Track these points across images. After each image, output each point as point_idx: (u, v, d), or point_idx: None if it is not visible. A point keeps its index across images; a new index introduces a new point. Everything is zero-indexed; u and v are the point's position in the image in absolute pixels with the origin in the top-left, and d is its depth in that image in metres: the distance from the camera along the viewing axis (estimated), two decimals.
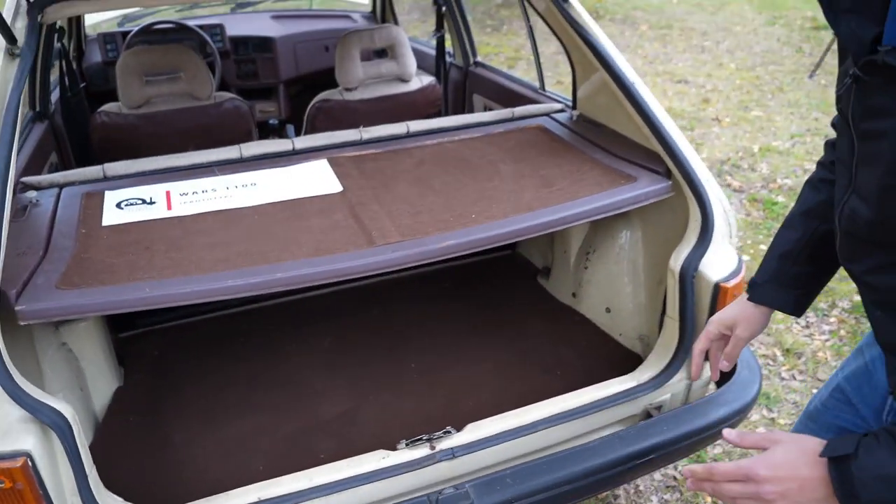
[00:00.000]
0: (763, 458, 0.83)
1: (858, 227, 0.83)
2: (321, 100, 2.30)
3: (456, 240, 1.34)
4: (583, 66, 1.80)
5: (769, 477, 0.82)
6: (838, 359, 2.59)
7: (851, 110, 0.78)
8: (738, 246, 3.40)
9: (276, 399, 1.66)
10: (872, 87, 0.72)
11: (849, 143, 0.81)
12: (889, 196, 0.75)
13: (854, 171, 0.81)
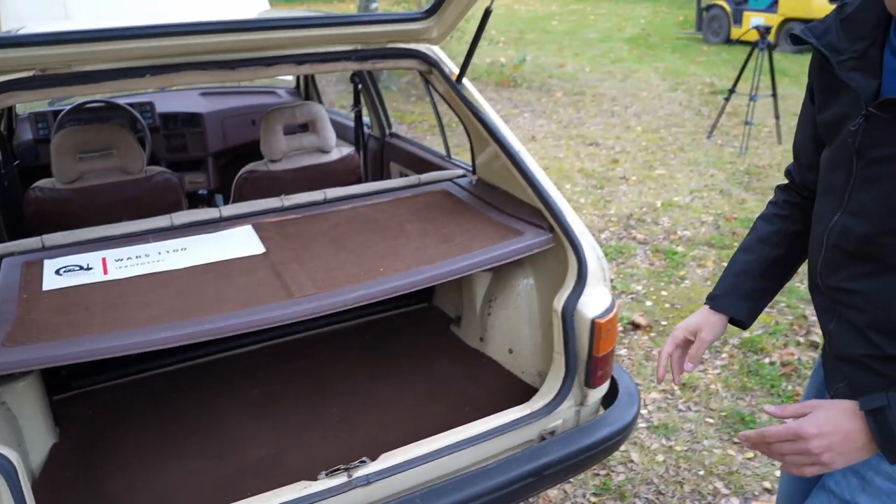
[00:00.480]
0: (809, 419, 0.96)
1: (849, 241, 1.01)
2: (248, 171, 2.49)
3: (365, 290, 1.54)
4: (478, 139, 2.07)
5: (816, 433, 0.94)
6: (728, 390, 2.87)
7: (859, 143, 0.96)
8: (611, 286, 3.72)
9: (208, 447, 1.79)
10: (883, 121, 0.93)
11: (845, 173, 1.01)
12: (886, 210, 0.95)
13: (848, 195, 1.01)
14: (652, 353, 3.15)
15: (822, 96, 1.09)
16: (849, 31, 0.99)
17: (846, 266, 1.04)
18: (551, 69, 10.92)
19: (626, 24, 17.66)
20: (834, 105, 1.04)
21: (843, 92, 1.01)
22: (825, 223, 1.06)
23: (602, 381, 1.76)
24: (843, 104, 1.02)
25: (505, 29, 16.54)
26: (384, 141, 2.98)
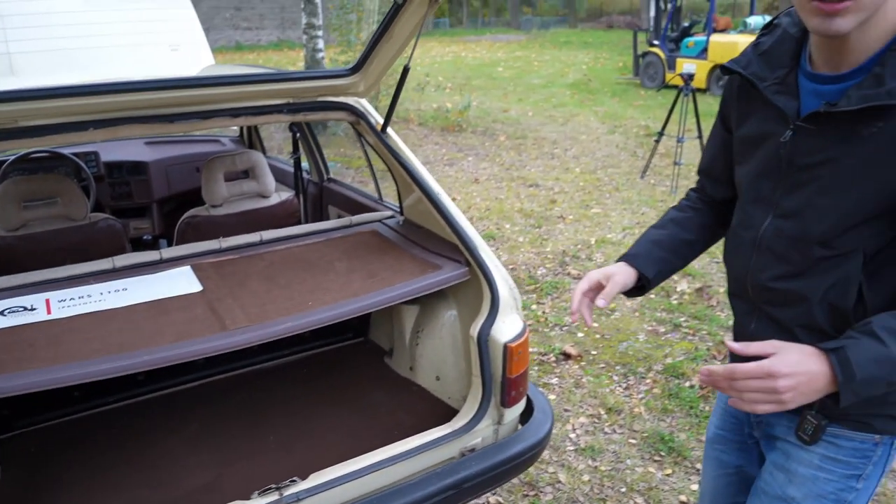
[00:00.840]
0: (780, 359, 1.02)
1: (781, 242, 1.16)
2: (189, 216, 2.62)
3: (294, 322, 1.69)
4: (403, 183, 2.25)
5: (787, 373, 1.00)
6: (650, 412, 3.06)
7: (789, 153, 1.13)
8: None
9: (147, 478, 1.88)
10: (809, 132, 1.10)
11: (773, 181, 1.17)
12: (814, 209, 1.11)
13: (777, 200, 1.17)
14: (582, 380, 3.34)
15: (740, 117, 1.27)
16: (768, 62, 1.19)
17: (776, 266, 1.19)
18: (496, 114, 11.32)
19: (569, 70, 18.36)
20: (755, 123, 1.22)
21: (766, 112, 1.19)
22: (756, 228, 1.22)
23: (517, 401, 1.92)
24: (765, 122, 1.19)
25: (452, 76, 17.02)
26: (322, 186, 3.15)
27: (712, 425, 1.53)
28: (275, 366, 2.48)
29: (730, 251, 1.32)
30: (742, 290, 1.28)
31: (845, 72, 1.08)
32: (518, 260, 4.92)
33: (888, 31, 1.03)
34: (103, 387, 2.20)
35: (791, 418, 1.26)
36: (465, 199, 6.46)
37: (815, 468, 1.25)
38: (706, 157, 1.43)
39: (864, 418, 1.20)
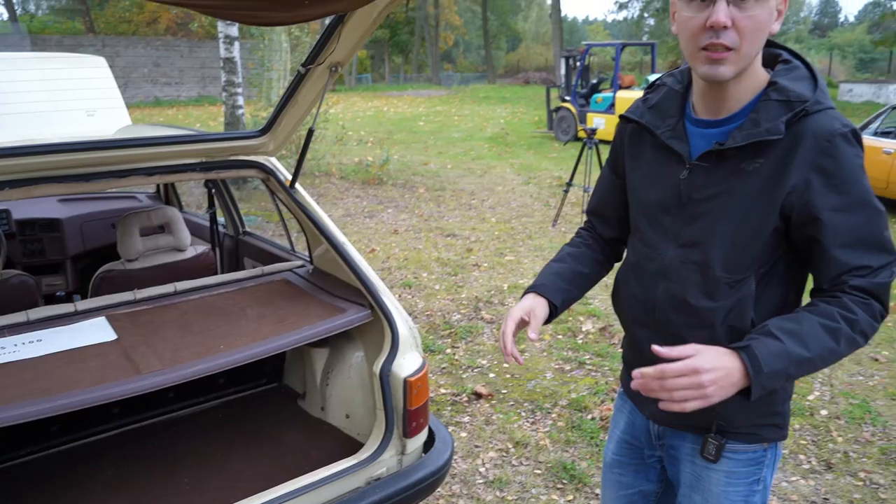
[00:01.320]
0: (701, 358, 1.15)
1: (686, 269, 1.34)
2: (104, 270, 2.70)
3: (206, 364, 1.81)
4: (312, 235, 2.42)
5: (709, 368, 1.14)
6: (555, 444, 3.27)
7: (686, 189, 1.32)
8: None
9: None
10: (703, 169, 1.31)
11: (673, 216, 1.36)
12: (713, 237, 1.30)
13: (679, 231, 1.35)
14: (492, 418, 3.52)
15: (633, 159, 1.46)
16: (658, 114, 1.41)
17: (684, 292, 1.34)
18: (416, 167, 11.65)
19: (487, 125, 19.04)
20: (650, 165, 1.42)
21: (660, 155, 1.38)
22: (660, 259, 1.39)
23: (418, 431, 2.09)
24: (661, 164, 1.38)
25: (374, 130, 17.38)
26: (238, 239, 3.27)
27: (609, 451, 1.69)
28: (190, 413, 2.56)
29: (633, 283, 1.47)
30: (647, 318, 1.43)
31: (724, 117, 1.31)
32: (434, 307, 5.11)
33: (756, 87, 1.29)
34: (16, 439, 2.23)
35: (695, 439, 1.46)
36: (385, 249, 6.65)
37: (724, 484, 1.43)
38: (595, 200, 1.63)
39: (754, 430, 1.41)
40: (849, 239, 1.24)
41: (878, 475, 3.03)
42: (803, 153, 1.23)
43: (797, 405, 3.63)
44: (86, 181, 2.08)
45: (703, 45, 1.22)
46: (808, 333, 1.20)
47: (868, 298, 1.24)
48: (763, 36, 1.24)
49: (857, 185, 1.24)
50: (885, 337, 4.54)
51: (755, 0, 1.19)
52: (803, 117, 1.24)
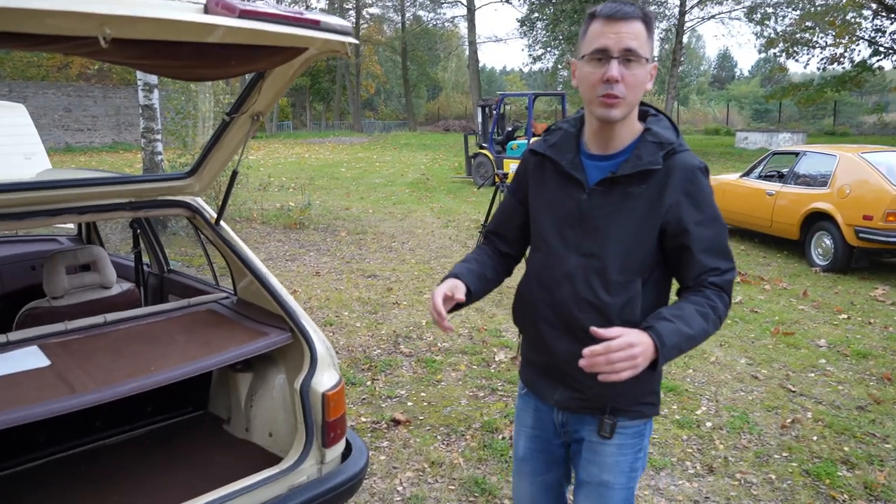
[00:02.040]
0: (631, 335, 1.45)
1: (586, 274, 1.65)
2: (30, 308, 2.80)
3: (137, 382, 1.98)
4: (237, 268, 2.63)
5: (637, 342, 1.45)
6: (468, 462, 3.51)
7: (585, 209, 1.66)
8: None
9: None
10: (599, 193, 1.64)
11: (574, 230, 1.68)
12: (608, 247, 1.63)
13: (579, 243, 1.67)
14: (410, 441, 3.73)
15: (537, 186, 1.79)
16: (559, 150, 1.75)
17: (586, 293, 1.66)
18: (337, 212, 11.86)
19: (409, 170, 19.49)
20: (553, 191, 1.74)
21: (562, 182, 1.72)
22: (564, 266, 1.70)
23: (336, 441, 2.29)
24: (563, 189, 1.71)
25: (296, 176, 17.50)
26: (163, 276, 3.42)
27: (520, 447, 1.98)
28: (119, 441, 2.67)
29: (539, 287, 1.75)
30: (553, 317, 1.72)
31: (612, 153, 1.68)
32: (355, 343, 5.30)
33: (635, 132, 1.69)
34: None
35: (592, 421, 1.77)
36: (306, 290, 6.81)
37: (616, 454, 1.77)
38: (496, 221, 1.95)
39: (638, 408, 1.76)
40: (707, 246, 1.64)
41: (752, 475, 3.42)
42: (675, 181, 1.63)
43: (686, 419, 4.01)
44: (19, 219, 2.23)
45: (600, 94, 1.59)
46: (689, 317, 1.56)
47: (721, 292, 1.64)
48: (642, 90, 1.63)
49: (711, 206, 1.66)
50: (764, 357, 5.04)
51: (637, 63, 1.58)
52: (672, 154, 1.64)
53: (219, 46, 1.66)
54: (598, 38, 1.58)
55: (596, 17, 1.61)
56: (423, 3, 45.01)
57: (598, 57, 1.58)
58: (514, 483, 2.05)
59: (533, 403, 1.92)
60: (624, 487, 1.80)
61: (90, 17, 1.38)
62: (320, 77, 49.77)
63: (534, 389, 1.90)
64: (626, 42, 1.56)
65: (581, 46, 1.64)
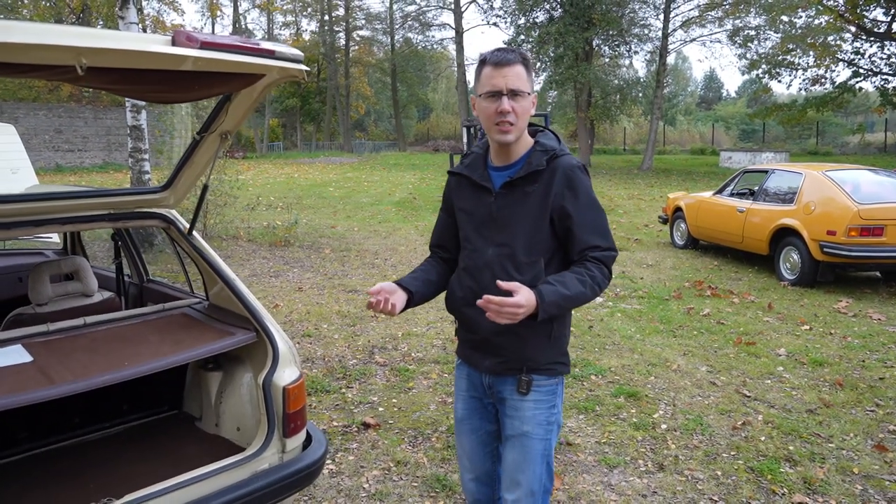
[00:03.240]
0: (521, 296, 1.83)
1: (501, 260, 2.02)
2: (16, 314, 2.99)
3: (112, 375, 2.18)
4: (209, 276, 2.84)
5: (524, 303, 1.82)
6: (432, 462, 3.69)
7: (495, 209, 2.04)
8: (300, 365, 4.51)
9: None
10: (503, 195, 2.04)
11: (488, 228, 2.06)
12: (514, 237, 2.01)
13: (493, 237, 2.05)
14: (378, 443, 3.92)
15: (459, 199, 2.17)
16: (471, 168, 2.17)
17: (500, 275, 2.01)
18: (323, 230, 12.08)
19: (396, 190, 19.74)
20: (470, 200, 2.13)
21: (475, 192, 2.11)
22: (484, 257, 2.08)
23: (296, 432, 2.49)
24: (477, 197, 2.11)
25: (284, 195, 17.73)
26: (142, 286, 3.62)
27: (459, 409, 2.32)
28: (96, 438, 2.85)
29: (467, 276, 2.12)
30: (473, 301, 1.99)
31: (510, 163, 2.09)
32: (332, 353, 5.50)
33: (526, 146, 2.10)
34: None
35: (513, 381, 2.11)
36: (288, 304, 7.00)
37: (532, 409, 2.11)
38: (436, 236, 2.34)
39: (551, 366, 2.12)
40: (587, 226, 2.04)
41: (699, 472, 3.63)
42: (558, 178, 2.04)
43: (642, 422, 4.22)
44: (7, 229, 2.44)
45: (496, 122, 2.02)
46: (569, 282, 1.96)
47: (601, 265, 2.04)
48: (528, 115, 2.06)
49: (588, 195, 2.06)
50: (724, 365, 5.27)
51: (521, 97, 2.00)
52: (555, 158, 2.06)
53: (182, 73, 1.88)
54: (490, 80, 2.00)
55: (486, 63, 2.02)
56: (413, 25, 45.64)
57: (492, 95, 1.99)
58: (456, 441, 2.40)
59: (466, 371, 2.29)
60: (542, 438, 2.13)
61: (69, 50, 1.61)
62: (311, 98, 50.25)
63: (467, 361, 2.25)
64: (512, 83, 1.98)
65: (477, 87, 2.05)
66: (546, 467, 2.16)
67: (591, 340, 5.86)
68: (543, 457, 2.14)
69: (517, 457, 2.13)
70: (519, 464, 2.13)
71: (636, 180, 23.12)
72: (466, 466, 2.35)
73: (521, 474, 2.13)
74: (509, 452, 2.16)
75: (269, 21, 50.90)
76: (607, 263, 2.04)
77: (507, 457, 2.17)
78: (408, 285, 2.13)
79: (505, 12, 31.59)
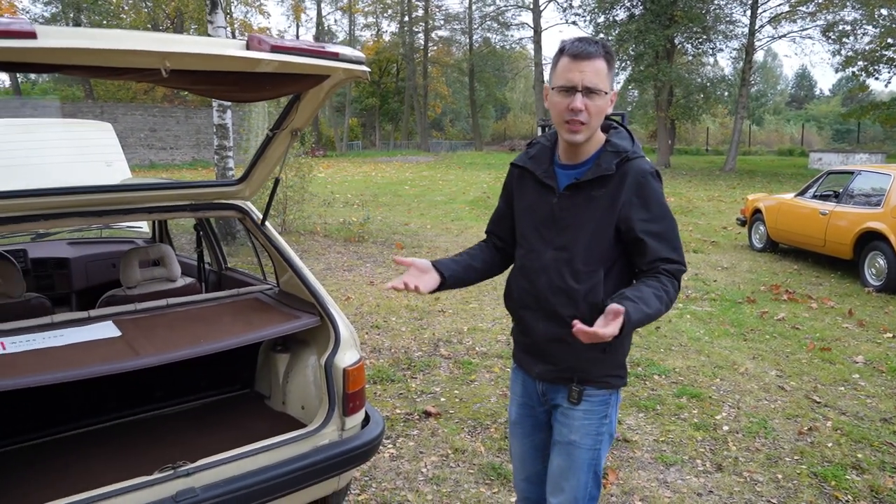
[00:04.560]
0: (611, 329, 1.66)
1: (559, 263, 1.94)
2: (109, 294, 3.28)
3: (189, 350, 2.39)
4: (279, 264, 3.03)
5: (614, 334, 1.66)
6: (489, 451, 3.79)
7: (557, 211, 1.96)
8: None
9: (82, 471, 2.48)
10: (567, 197, 1.95)
11: (549, 228, 1.97)
12: (575, 242, 1.93)
13: (553, 239, 1.96)
14: (438, 431, 4.05)
15: (519, 193, 2.10)
16: (536, 162, 2.07)
17: (557, 280, 1.95)
18: (396, 227, 12.35)
19: (470, 189, 19.88)
20: (531, 196, 2.05)
21: (538, 188, 2.02)
22: (541, 259, 2.00)
23: (355, 411, 2.65)
24: (539, 194, 2.02)
25: (360, 193, 18.17)
26: (221, 273, 3.88)
27: (513, 413, 2.30)
28: (176, 411, 3.10)
29: (522, 277, 2.06)
30: (533, 303, 2.02)
31: (578, 163, 1.99)
32: (398, 345, 5.68)
33: (598, 144, 1.99)
34: (43, 420, 2.78)
35: (565, 390, 2.06)
36: (359, 297, 7.24)
37: (582, 419, 2.05)
38: (492, 222, 2.27)
39: (605, 379, 2.04)
40: (658, 238, 1.92)
41: (759, 474, 3.58)
42: (628, 185, 1.92)
43: (703, 422, 4.19)
44: (99, 216, 2.70)
45: (566, 119, 1.89)
46: (648, 298, 1.82)
47: (672, 279, 1.92)
48: (602, 115, 1.93)
49: (660, 205, 1.95)
50: (795, 370, 5.13)
51: (598, 95, 1.87)
52: (626, 161, 1.93)
53: (255, 74, 2.06)
54: (566, 72, 1.87)
55: (565, 53, 1.89)
56: (491, 25, 45.71)
57: (566, 89, 1.87)
58: (510, 443, 2.39)
59: (521, 376, 2.23)
60: (590, 448, 2.07)
61: (156, 54, 1.80)
62: (389, 98, 51.10)
63: (521, 365, 2.22)
64: (589, 80, 1.85)
65: (552, 77, 1.94)
66: (593, 476, 2.10)
67: (656, 341, 5.81)
68: (590, 466, 2.09)
69: (563, 463, 2.10)
70: (564, 471, 2.10)
71: (717, 182, 22.45)
72: (518, 467, 2.35)
73: (566, 481, 2.10)
74: (556, 457, 2.13)
75: (351, 22, 52.08)
76: (678, 278, 1.94)
77: (554, 461, 2.14)
78: (443, 269, 2.08)
79: (584, 10, 31.26)
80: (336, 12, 54.07)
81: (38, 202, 2.55)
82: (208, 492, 2.22)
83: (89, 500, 2.08)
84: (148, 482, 2.18)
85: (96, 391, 2.91)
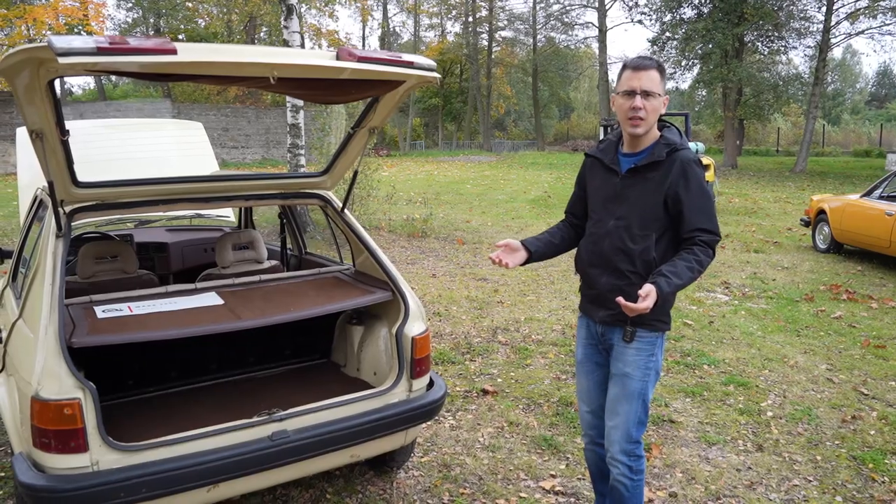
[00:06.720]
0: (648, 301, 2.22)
1: (619, 230, 2.46)
2: (207, 272, 3.75)
3: (282, 315, 2.80)
4: (356, 247, 3.43)
5: (650, 307, 2.22)
6: (541, 425, 4.10)
7: (619, 189, 2.49)
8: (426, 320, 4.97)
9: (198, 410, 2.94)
10: (628, 177, 2.49)
11: (612, 203, 2.51)
12: (632, 213, 2.46)
13: (614, 211, 2.49)
14: (494, 407, 4.39)
15: (591, 178, 2.63)
16: (604, 152, 2.62)
17: (618, 242, 2.47)
18: (458, 224, 12.73)
19: (532, 188, 20.09)
20: (599, 179, 2.59)
21: (606, 172, 2.55)
22: (605, 226, 2.51)
23: (421, 375, 3.02)
24: (606, 177, 2.55)
25: (423, 191, 18.63)
26: (301, 257, 4.33)
27: (579, 353, 2.79)
28: (264, 375, 3.54)
29: (591, 242, 2.58)
30: (598, 261, 2.53)
31: (637, 151, 2.51)
32: (459, 331, 6.04)
33: (653, 138, 2.51)
34: (163, 376, 3.28)
35: (620, 331, 2.54)
36: (422, 288, 7.64)
37: (634, 355, 2.53)
38: (570, 204, 2.80)
39: (653, 322, 2.51)
40: (696, 210, 2.41)
41: (798, 455, 3.79)
42: (675, 169, 2.44)
43: (748, 408, 4.39)
44: (206, 202, 3.15)
45: (629, 117, 2.43)
46: (681, 271, 2.34)
47: (706, 248, 2.42)
48: (657, 113, 2.46)
49: (699, 184, 2.44)
50: (846, 364, 5.25)
51: (653, 97, 2.41)
52: (676, 151, 2.46)
53: (343, 80, 2.45)
54: (628, 81, 2.42)
55: (627, 67, 2.45)
56: (555, 25, 45.61)
57: (628, 93, 2.41)
58: (576, 381, 2.86)
59: (585, 322, 2.74)
60: (640, 380, 2.54)
61: (267, 66, 2.21)
62: (453, 98, 51.57)
63: (586, 312, 2.70)
64: (646, 85, 2.40)
65: (617, 86, 2.50)
66: (642, 403, 2.55)
67: (709, 335, 5.99)
68: (640, 395, 2.54)
69: (618, 392, 2.56)
70: (619, 398, 2.56)
71: (786, 183, 21.98)
72: (583, 399, 2.80)
73: (620, 406, 2.56)
74: (612, 388, 2.59)
75: (416, 23, 52.83)
76: (712, 246, 2.41)
77: (611, 391, 2.60)
78: (529, 246, 2.63)
79: (650, 9, 30.92)
80: (402, 13, 54.94)
81: (156, 190, 3.01)
82: (298, 434, 2.63)
83: (200, 435, 2.51)
84: (248, 423, 2.60)
85: (200, 354, 3.37)
